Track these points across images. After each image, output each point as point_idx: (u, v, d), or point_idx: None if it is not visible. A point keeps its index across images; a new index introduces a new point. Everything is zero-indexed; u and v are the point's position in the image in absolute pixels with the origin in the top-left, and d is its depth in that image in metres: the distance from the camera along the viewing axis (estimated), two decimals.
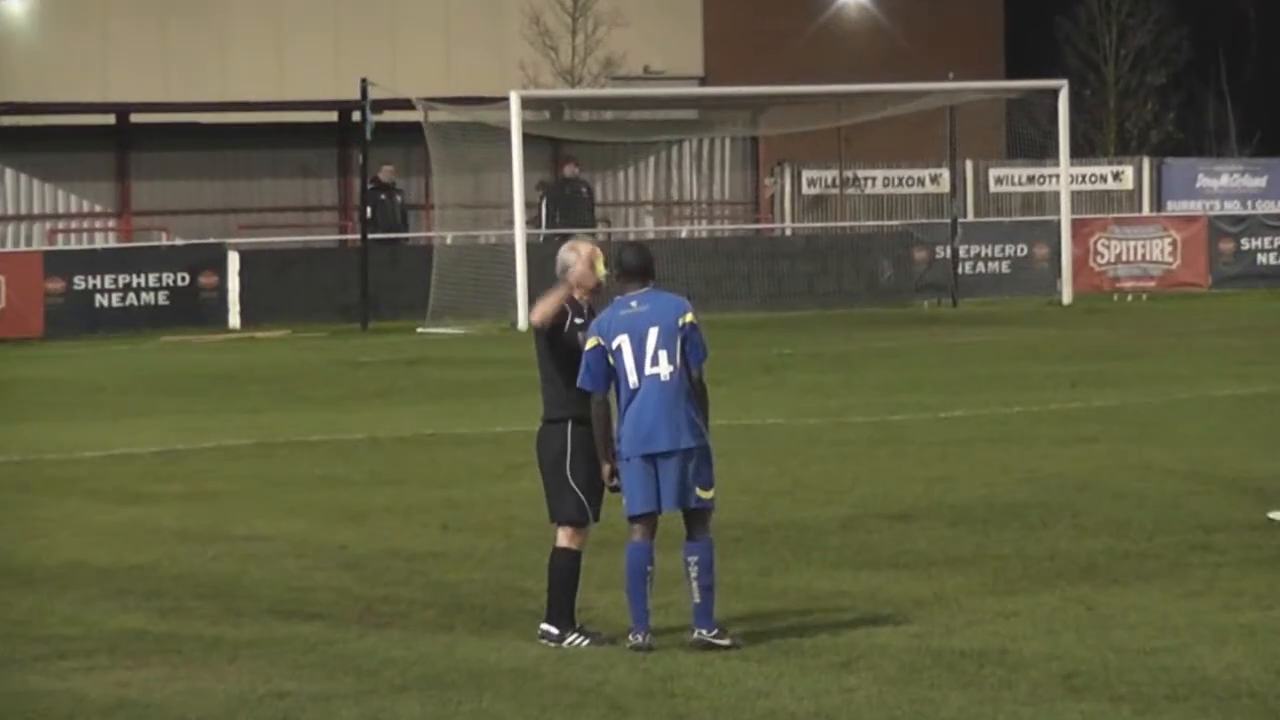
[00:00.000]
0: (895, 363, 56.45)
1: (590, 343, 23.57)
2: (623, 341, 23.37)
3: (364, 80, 72.71)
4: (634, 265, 24.04)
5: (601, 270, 25.31)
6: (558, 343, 24.49)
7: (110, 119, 76.18)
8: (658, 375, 23.38)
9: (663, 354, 23.50)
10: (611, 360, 23.48)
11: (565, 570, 24.31)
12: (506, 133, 69.97)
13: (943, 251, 78.04)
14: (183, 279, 71.45)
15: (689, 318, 23.98)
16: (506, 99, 71.46)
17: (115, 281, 71.59)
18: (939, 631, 24.60)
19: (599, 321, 23.69)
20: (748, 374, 44.76)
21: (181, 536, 32.57)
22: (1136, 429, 42.97)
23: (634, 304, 23.83)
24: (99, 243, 74.48)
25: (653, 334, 23.60)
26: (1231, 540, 30.50)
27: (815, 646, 24.09)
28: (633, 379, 23.50)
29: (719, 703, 21.45)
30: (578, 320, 24.67)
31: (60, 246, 73.09)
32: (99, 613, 26.61)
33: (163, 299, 71.02)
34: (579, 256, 25.55)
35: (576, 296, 24.76)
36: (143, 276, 71.81)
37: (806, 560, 27.83)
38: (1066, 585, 27.37)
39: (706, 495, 23.48)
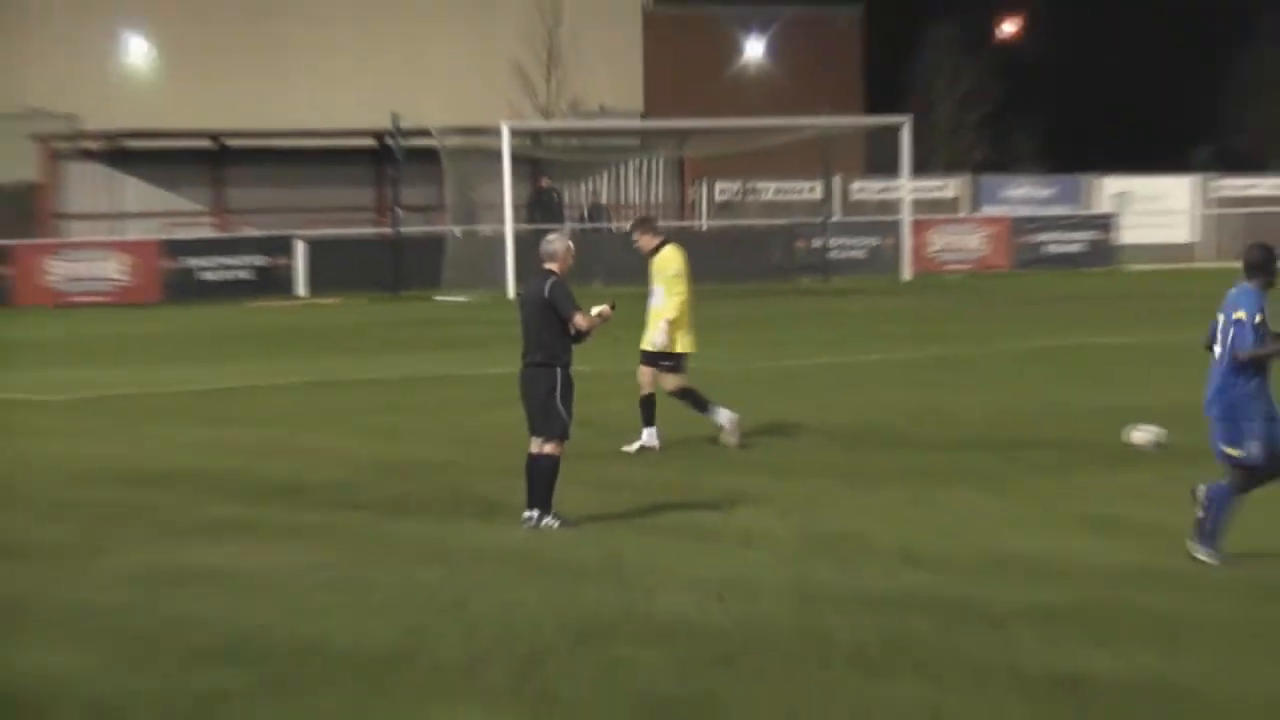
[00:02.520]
0: (782, 324, 56.14)
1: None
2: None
3: (394, 114, 72.47)
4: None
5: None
6: (555, 316, 24.53)
7: (209, 143, 75.84)
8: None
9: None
10: None
11: (547, 471, 24.69)
12: (499, 154, 69.79)
13: (817, 243, 78.02)
14: (262, 260, 71.21)
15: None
16: (499, 128, 71.29)
17: (213, 262, 71.27)
18: (814, 520, 24.98)
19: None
20: (683, 332, 44.98)
21: (257, 449, 32.55)
22: (961, 372, 42.85)
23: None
24: (201, 233, 74.15)
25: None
26: (1038, 454, 30.66)
27: (726, 530, 24.45)
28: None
29: (655, 570, 21.56)
30: (569, 294, 25.14)
31: (172, 236, 72.71)
32: (197, 505, 26.74)
33: (247, 275, 70.68)
34: (565, 248, 25.73)
35: (559, 271, 24.81)
36: (233, 258, 71.53)
37: (720, 467, 27.69)
38: (909, 486, 27.48)
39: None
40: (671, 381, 31.68)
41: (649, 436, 31.39)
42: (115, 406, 38.65)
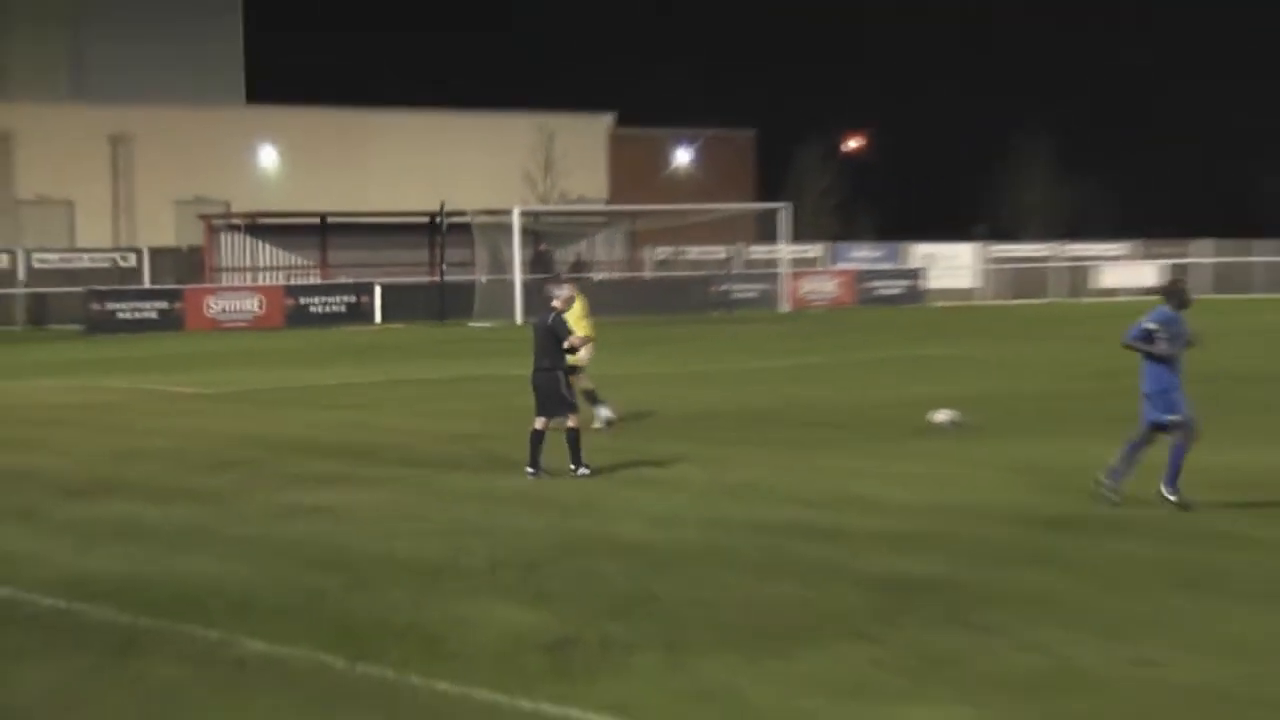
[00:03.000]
0: (702, 342, 55.94)
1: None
2: None
3: (442, 201, 72.39)
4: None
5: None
6: (556, 337, 24.67)
7: (316, 220, 75.51)
8: None
9: None
10: None
11: (575, 438, 24.95)
12: (511, 228, 69.76)
13: (725, 287, 77.89)
14: (351, 298, 70.96)
15: None
16: (512, 211, 71.19)
17: (319, 300, 71.00)
18: (723, 473, 24.92)
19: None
20: (635, 347, 44.26)
21: (348, 426, 32.41)
22: (822, 374, 42.70)
23: None
24: (311, 280, 73.85)
25: None
26: (876, 428, 30.54)
27: (663, 480, 24.47)
28: None
29: (615, 507, 21.54)
30: (565, 325, 25.27)
31: (291, 282, 72.53)
32: (309, 463, 26.58)
33: (341, 309, 70.40)
34: (566, 291, 25.86)
35: (560, 308, 24.90)
36: (332, 297, 71.29)
37: (664, 438, 27.60)
38: (788, 450, 27.38)
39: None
40: (581, 382, 31.24)
41: (603, 411, 31.14)
42: (253, 397, 38.56)
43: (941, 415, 30.12)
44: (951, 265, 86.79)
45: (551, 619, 15.50)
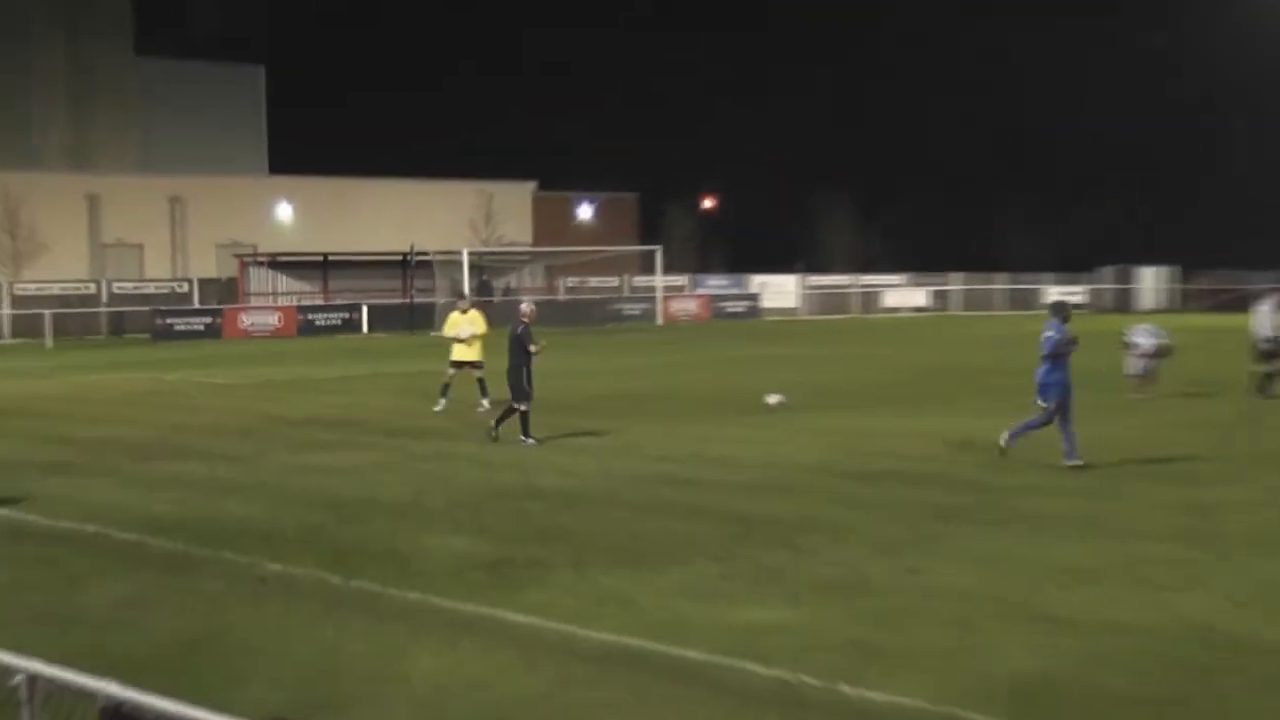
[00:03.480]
0: (601, 346, 55.89)
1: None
2: None
3: (412, 244, 72.11)
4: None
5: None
6: (521, 344, 24.70)
7: (320, 258, 75.02)
8: None
9: None
10: None
11: (526, 419, 24.76)
12: (462, 264, 69.46)
13: (617, 307, 77.79)
14: (345, 315, 70.37)
15: None
16: (462, 252, 70.92)
17: (322, 316, 70.44)
18: (617, 440, 24.82)
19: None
20: (551, 350, 44.49)
21: (344, 406, 32.13)
22: (689, 368, 42.57)
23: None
24: (316, 301, 73.33)
25: None
26: (726, 405, 30.40)
27: (574, 445, 24.25)
28: None
29: (538, 465, 21.52)
30: (530, 334, 25.07)
31: (301, 303, 72.04)
32: (314, 433, 26.41)
33: (338, 322, 69.95)
34: (531, 309, 25.76)
35: (526, 321, 24.83)
36: (331, 314, 70.77)
37: (579, 417, 27.48)
38: (663, 423, 27.30)
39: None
40: (478, 373, 30.83)
41: (485, 403, 30.05)
42: (273, 386, 38.20)
43: (772, 398, 30.16)
44: (780, 291, 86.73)
45: (490, 545, 15.46)
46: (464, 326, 30.92)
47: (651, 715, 9.71)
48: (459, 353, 30.82)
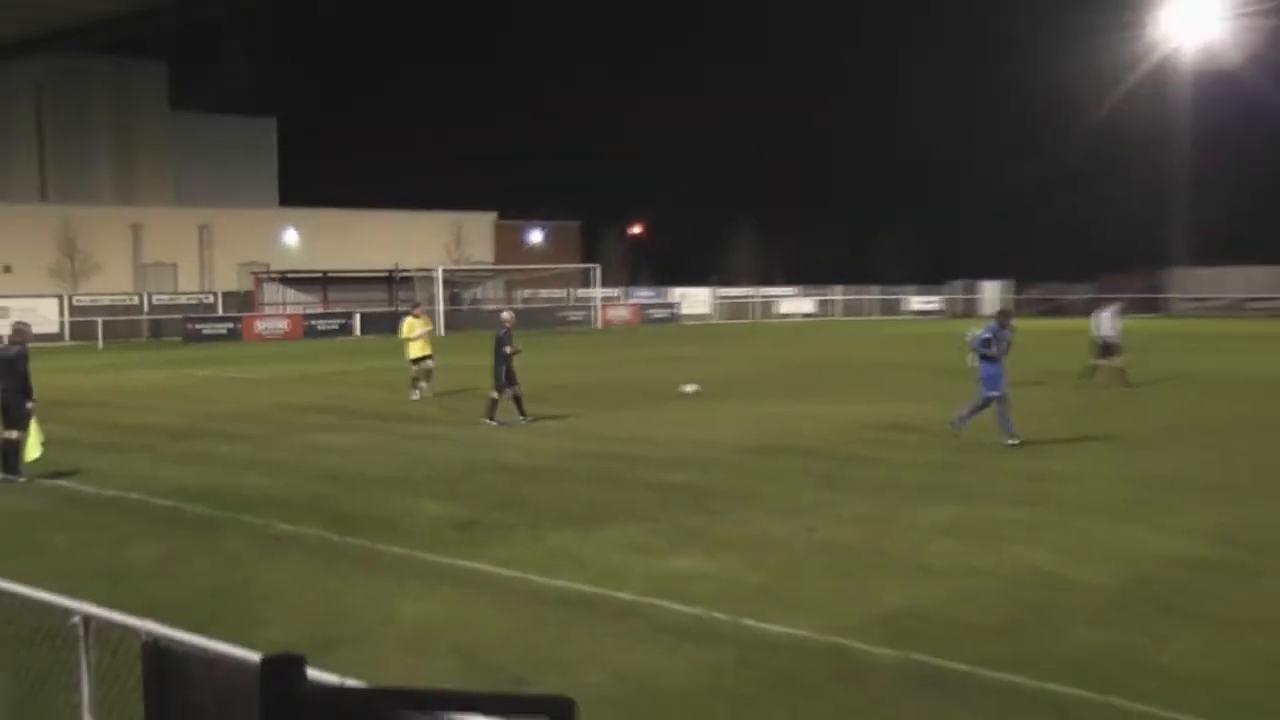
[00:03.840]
0: (553, 346, 55.83)
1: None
2: None
3: (396, 264, 71.88)
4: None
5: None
6: (500, 346, 24.77)
7: (320, 274, 74.56)
8: None
9: None
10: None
11: (494, 404, 24.73)
12: (436, 279, 69.19)
13: (563, 314, 77.59)
14: (341, 321, 69.98)
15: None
16: (437, 269, 70.61)
17: (323, 322, 69.95)
18: (567, 423, 24.59)
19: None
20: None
21: (339, 395, 31.91)
22: (621, 365, 42.54)
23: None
24: (318, 310, 72.72)
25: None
26: (655, 395, 30.37)
27: (536, 429, 23.95)
28: None
29: (504, 444, 21.37)
30: (510, 337, 25.16)
31: (305, 311, 71.48)
32: (315, 418, 26.22)
33: (336, 327, 69.40)
34: (510, 316, 25.76)
35: (508, 325, 24.78)
36: (330, 320, 70.20)
37: (535, 405, 27.40)
38: (603, 410, 27.28)
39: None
40: (429, 364, 30.42)
41: (419, 393, 30.09)
42: (283, 380, 37.91)
43: (689, 387, 30.17)
44: (696, 300, 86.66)
45: (463, 510, 15.40)
46: (419, 328, 30.89)
47: (599, 645, 9.71)
48: (415, 350, 30.74)
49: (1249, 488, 16.24)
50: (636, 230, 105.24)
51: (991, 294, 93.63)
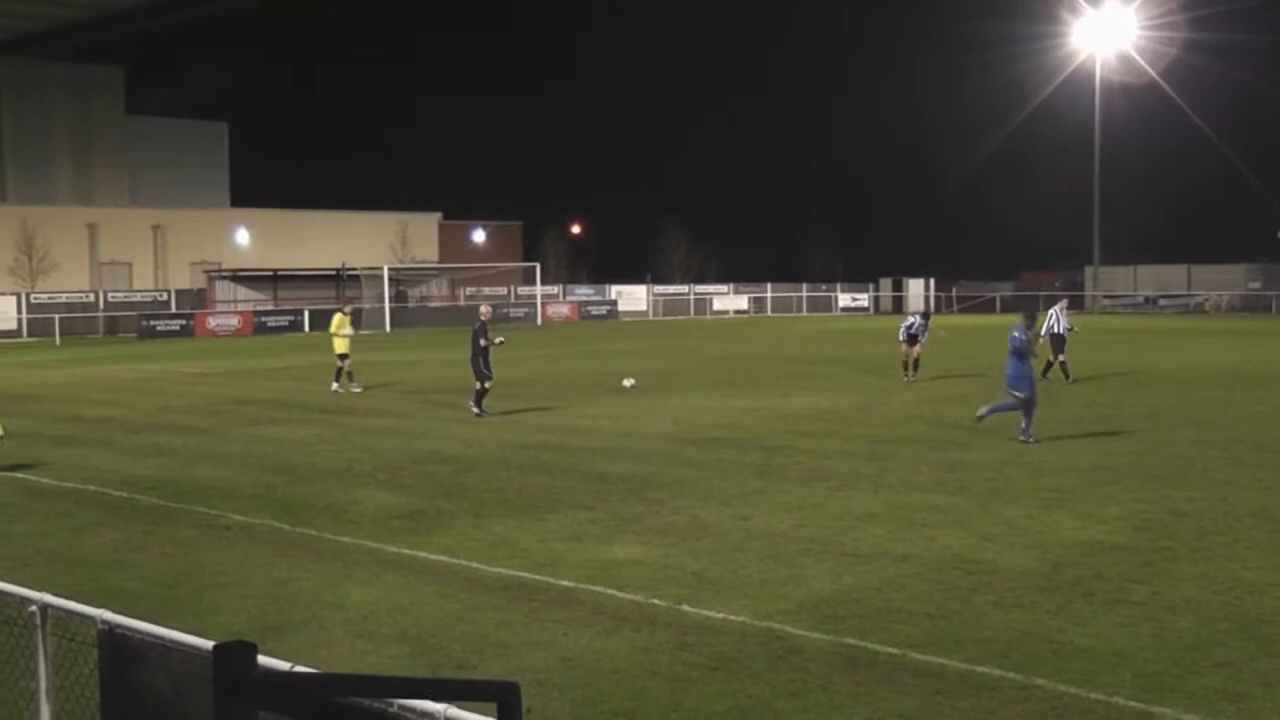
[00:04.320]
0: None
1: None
2: None
3: (343, 262, 71.39)
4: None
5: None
6: (476, 339, 24.61)
7: (271, 273, 73.90)
8: None
9: None
10: None
11: (482, 394, 24.53)
12: (383, 278, 68.86)
13: (505, 310, 77.30)
14: (293, 318, 69.24)
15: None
16: (384, 268, 70.30)
17: (275, 317, 69.14)
18: (508, 416, 24.35)
19: None
20: (452, 345, 44.05)
21: (294, 389, 31.63)
22: (564, 360, 42.40)
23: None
24: (268, 307, 72.03)
25: None
26: (599, 388, 30.22)
27: (476, 421, 23.73)
28: None
29: (444, 436, 21.19)
30: (486, 330, 24.93)
31: (257, 309, 70.79)
32: (269, 411, 26.07)
33: (285, 324, 68.75)
34: (487, 309, 25.64)
35: (484, 319, 24.59)
36: (281, 317, 69.49)
37: (468, 396, 27.23)
38: (544, 402, 27.12)
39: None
40: (347, 364, 30.41)
41: (337, 386, 29.92)
42: (234, 374, 37.53)
43: (627, 381, 30.18)
44: (633, 297, 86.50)
45: (407, 500, 15.33)
46: (348, 326, 30.74)
47: (539, 630, 9.69)
48: (340, 346, 30.54)
49: (1168, 477, 16.37)
50: (576, 230, 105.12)
51: (916, 290, 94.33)
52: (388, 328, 68.03)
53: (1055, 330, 30.99)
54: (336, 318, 31.19)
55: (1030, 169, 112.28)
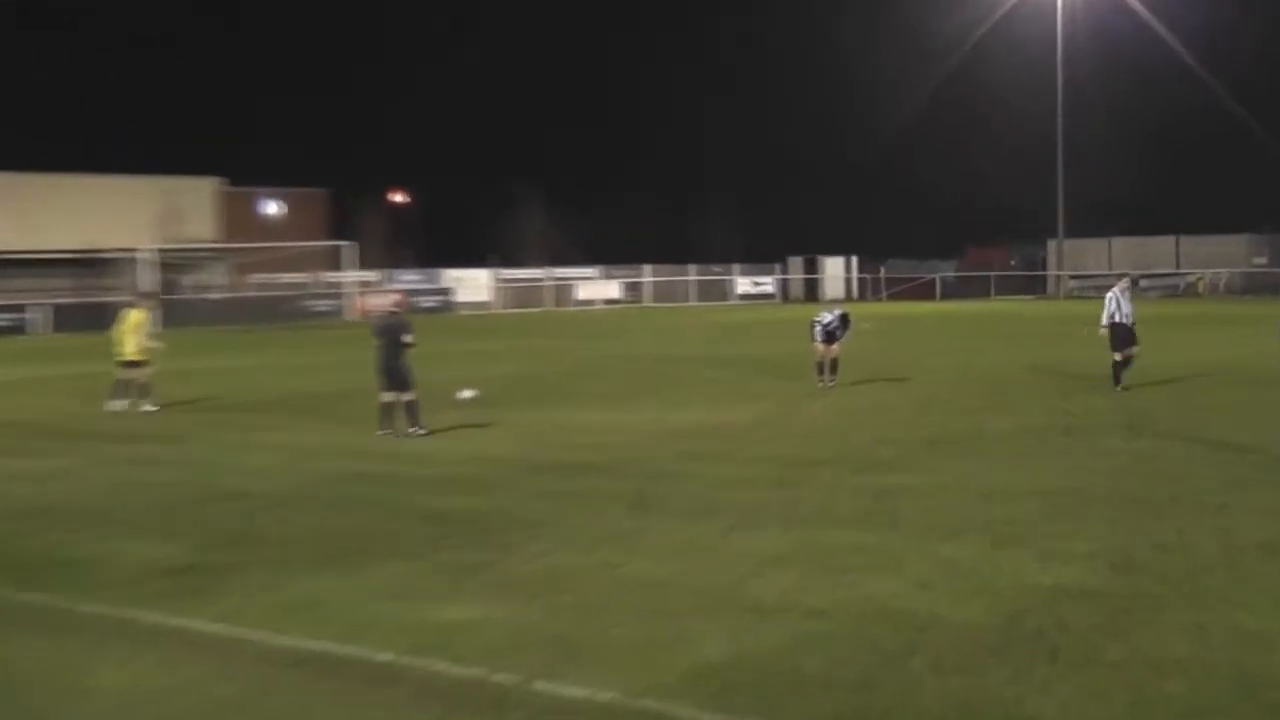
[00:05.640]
0: (295, 344, 54.95)
1: None
2: None
3: (89, 243, 70.32)
4: None
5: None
6: (400, 335, 24.98)
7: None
8: None
9: None
10: None
11: (416, 405, 24.80)
12: (143, 263, 68.07)
13: (309, 303, 76.40)
14: (15, 317, 68.16)
15: None
16: (140, 249, 69.44)
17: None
18: (304, 438, 24.44)
19: None
20: (237, 349, 43.48)
21: (11, 410, 30.99)
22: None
23: None
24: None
25: None
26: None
27: (259, 443, 23.66)
28: None
29: (225, 465, 21.05)
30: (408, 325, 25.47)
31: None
32: (12, 443, 25.32)
33: (6, 323, 67.73)
34: (401, 296, 25.61)
35: (400, 311, 25.03)
36: (13, 315, 68.53)
37: (253, 412, 26.88)
38: (351, 422, 26.93)
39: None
40: (148, 372, 30.28)
41: (120, 404, 29.92)
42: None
43: (465, 393, 30.04)
44: (473, 285, 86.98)
45: (178, 551, 15.08)
46: (149, 324, 30.47)
47: (348, 718, 9.58)
48: (133, 351, 30.28)
49: (1151, 501, 16.58)
50: (398, 199, 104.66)
51: (835, 273, 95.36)
52: (160, 325, 67.14)
53: (1117, 318, 30.14)
54: (133, 314, 30.84)
55: (976, 119, 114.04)
